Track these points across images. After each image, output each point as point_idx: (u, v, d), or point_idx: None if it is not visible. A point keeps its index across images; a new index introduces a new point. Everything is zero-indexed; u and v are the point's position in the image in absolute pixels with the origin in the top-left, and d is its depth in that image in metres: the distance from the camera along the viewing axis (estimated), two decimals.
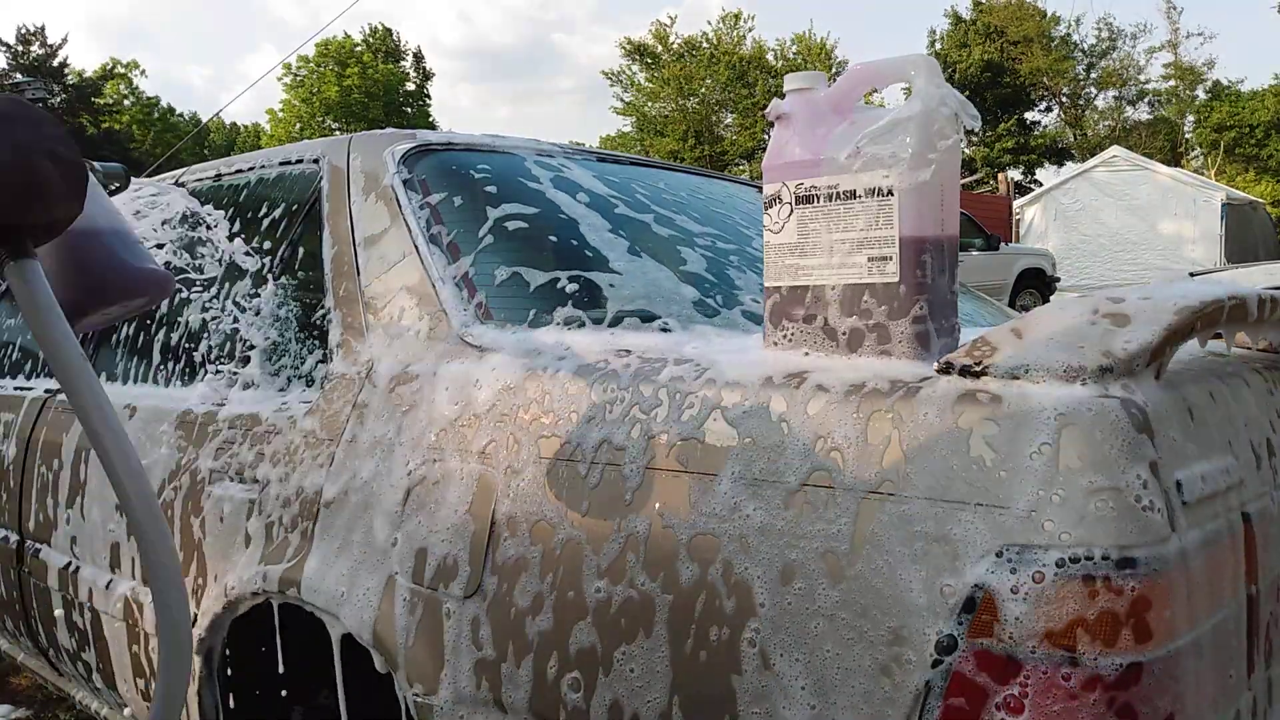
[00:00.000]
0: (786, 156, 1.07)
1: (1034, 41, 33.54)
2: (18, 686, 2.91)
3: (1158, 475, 0.80)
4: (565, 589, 1.06)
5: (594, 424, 1.09)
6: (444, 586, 1.17)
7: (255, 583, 1.44)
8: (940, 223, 1.00)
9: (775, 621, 0.90)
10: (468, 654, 1.14)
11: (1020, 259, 14.10)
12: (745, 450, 0.96)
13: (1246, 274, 9.86)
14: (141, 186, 2.10)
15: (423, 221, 1.50)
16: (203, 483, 1.61)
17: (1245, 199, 22.01)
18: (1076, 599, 0.76)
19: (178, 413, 1.75)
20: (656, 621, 0.98)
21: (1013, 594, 0.78)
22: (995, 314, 2.10)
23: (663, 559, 0.98)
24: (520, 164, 1.74)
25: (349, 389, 1.42)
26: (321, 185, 1.72)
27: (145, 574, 1.12)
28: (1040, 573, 0.78)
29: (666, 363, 1.10)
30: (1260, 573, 0.94)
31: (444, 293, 1.39)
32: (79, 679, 2.10)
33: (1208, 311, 0.89)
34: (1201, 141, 33.48)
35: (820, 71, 1.10)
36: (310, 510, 1.38)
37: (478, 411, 1.21)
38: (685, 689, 0.96)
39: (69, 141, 0.74)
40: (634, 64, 36.79)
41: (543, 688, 1.07)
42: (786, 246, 1.07)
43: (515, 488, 1.13)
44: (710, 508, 0.96)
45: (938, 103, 0.98)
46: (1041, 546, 0.78)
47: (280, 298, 1.71)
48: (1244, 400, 1.01)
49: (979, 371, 0.87)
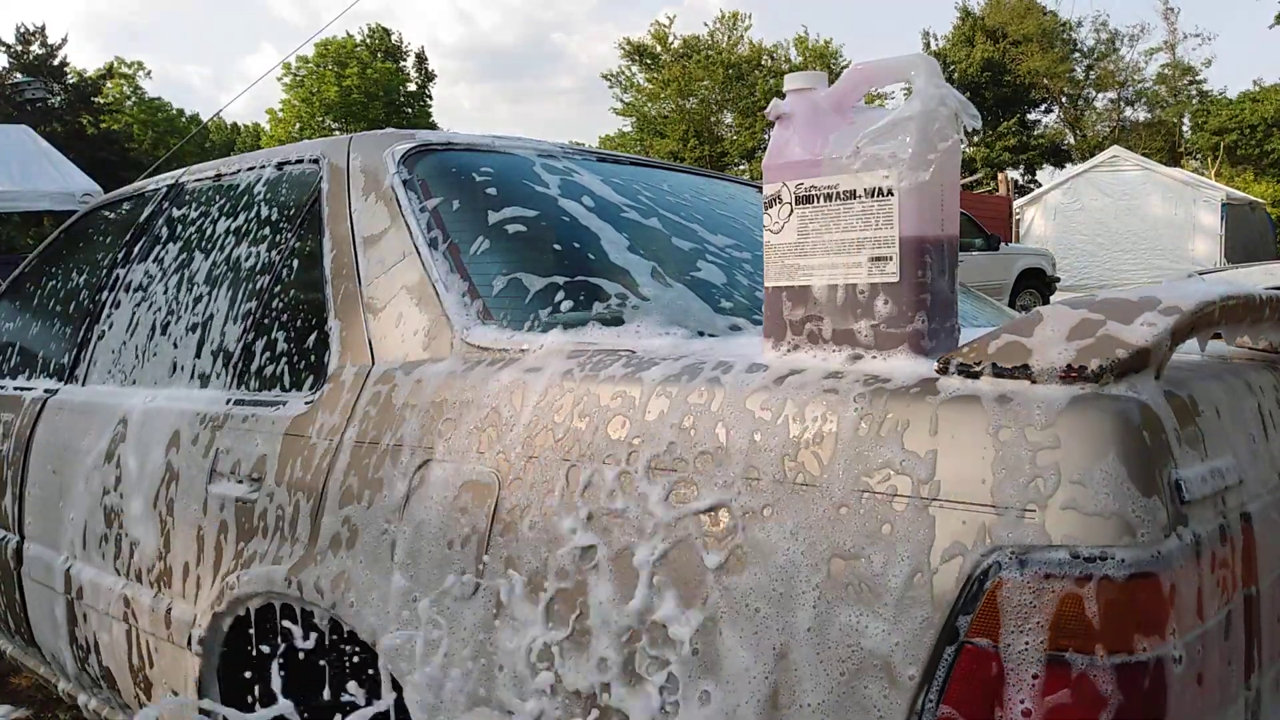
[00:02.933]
0: (787, 156, 1.07)
1: (1033, 41, 33.53)
2: (18, 686, 2.92)
3: (1158, 475, 0.80)
4: (566, 588, 1.06)
5: (595, 424, 1.09)
6: (445, 586, 1.17)
7: (255, 583, 1.44)
8: (940, 223, 1.00)
9: (784, 620, 0.90)
10: (470, 654, 1.14)
11: (1020, 259, 14.10)
12: (746, 450, 0.96)
13: (1246, 274, 9.87)
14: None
15: (423, 222, 1.50)
16: (203, 483, 1.61)
17: (1245, 199, 22.01)
18: (1076, 599, 0.76)
19: (178, 412, 1.74)
20: (658, 622, 0.98)
21: (1013, 593, 0.78)
22: (995, 314, 2.10)
23: (663, 558, 0.98)
24: (521, 164, 1.74)
25: (349, 389, 1.42)
26: (321, 185, 1.72)
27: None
28: (1040, 572, 0.78)
29: (666, 362, 1.10)
30: (1260, 573, 0.94)
31: (444, 293, 1.39)
32: (81, 678, 2.10)
33: (1208, 312, 0.89)
34: (1200, 145, 33.48)
35: (820, 71, 1.10)
36: (310, 510, 1.38)
37: (478, 412, 1.21)
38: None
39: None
40: (633, 65, 36.80)
41: (545, 688, 1.07)
42: (787, 246, 1.07)
43: (516, 488, 1.13)
44: (708, 508, 0.96)
45: (938, 103, 0.98)
46: (1041, 546, 0.78)
47: (280, 298, 1.71)
48: (1244, 400, 1.01)
49: (979, 371, 0.87)
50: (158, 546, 1.70)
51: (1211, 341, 0.98)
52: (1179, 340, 0.88)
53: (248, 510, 1.50)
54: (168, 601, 1.67)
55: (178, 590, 1.65)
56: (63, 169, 12.85)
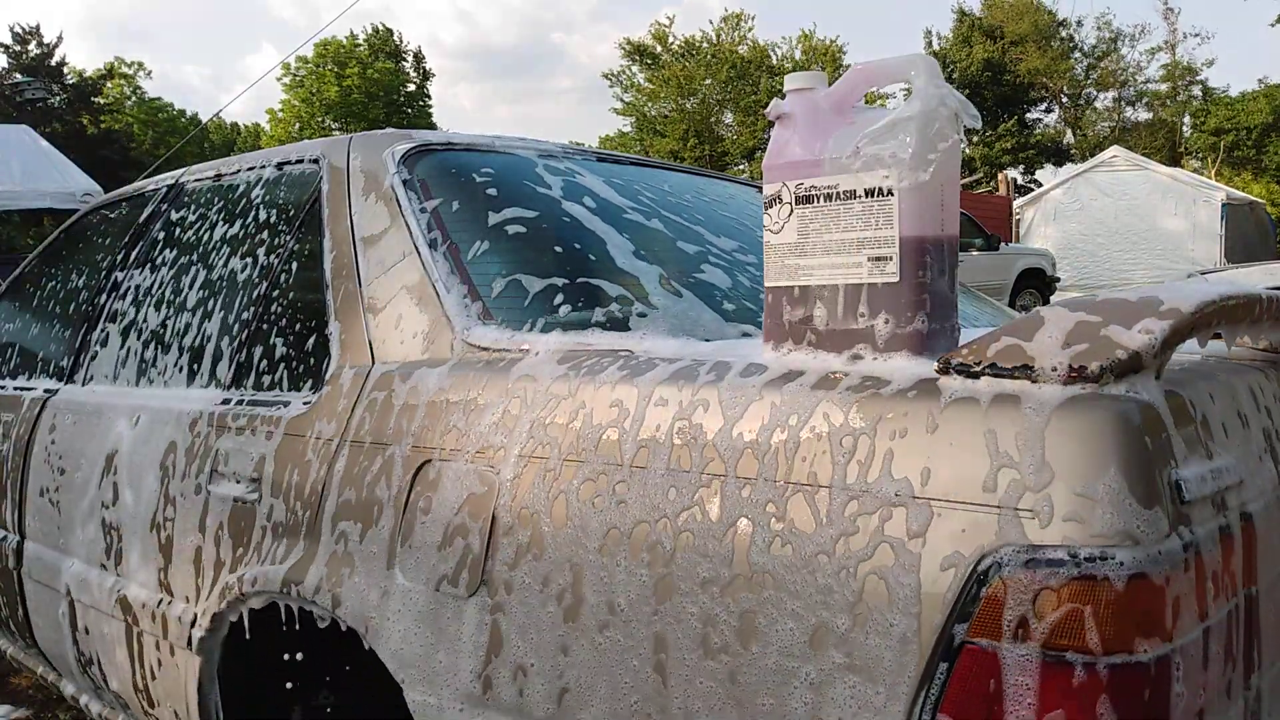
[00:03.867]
0: (787, 156, 1.07)
1: (1033, 40, 33.50)
2: (18, 686, 2.92)
3: (1158, 475, 0.80)
4: (566, 587, 1.06)
5: (595, 424, 1.09)
6: (446, 586, 1.17)
7: (256, 583, 1.44)
8: (940, 223, 1.00)
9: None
10: (471, 654, 1.14)
11: (1020, 259, 14.11)
12: (746, 450, 0.96)
13: (1246, 274, 9.87)
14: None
15: (423, 222, 1.50)
16: (204, 483, 1.61)
17: (1245, 199, 22.02)
18: (1076, 598, 0.76)
19: (178, 413, 1.74)
20: (660, 622, 0.98)
21: (1012, 594, 0.78)
22: (995, 314, 2.10)
23: (662, 558, 0.99)
24: (521, 164, 1.74)
25: (349, 389, 1.42)
26: (321, 186, 1.72)
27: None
28: (1039, 573, 0.78)
29: (664, 363, 1.10)
30: (1260, 573, 0.94)
31: (444, 293, 1.39)
32: (81, 678, 2.10)
33: (1208, 312, 0.89)
34: (1200, 146, 33.47)
35: (821, 71, 1.10)
36: (312, 510, 1.38)
37: (479, 412, 1.21)
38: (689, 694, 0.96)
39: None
40: (634, 64, 36.79)
41: (547, 688, 1.07)
42: (787, 246, 1.07)
43: (517, 487, 1.13)
44: (709, 508, 0.96)
45: (938, 103, 0.98)
46: (1041, 547, 0.78)
47: (279, 298, 1.71)
48: (1244, 401, 1.01)
49: (979, 372, 0.87)
50: (158, 546, 1.70)
51: (1211, 341, 0.98)
52: (1179, 341, 0.88)
53: (248, 510, 1.50)
54: (168, 601, 1.67)
55: (178, 590, 1.65)
56: (63, 169, 12.85)
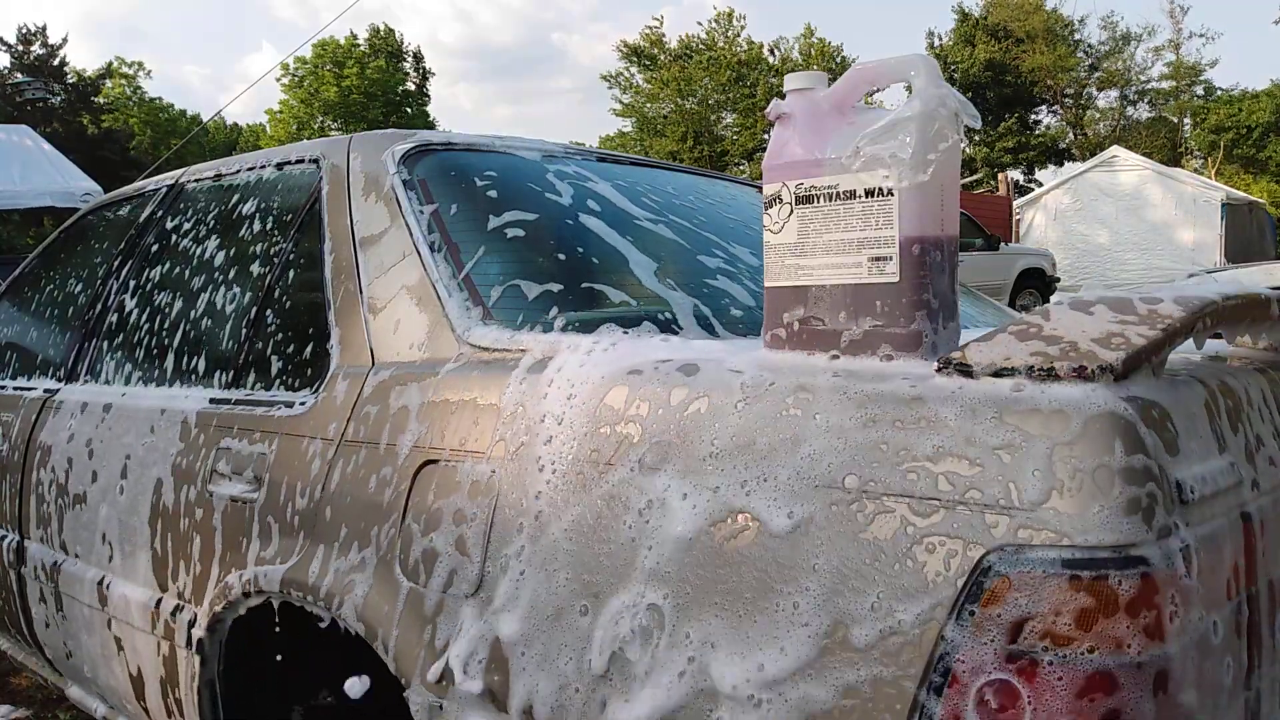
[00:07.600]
0: (787, 156, 1.07)
1: (1038, 39, 33.44)
2: (18, 686, 2.92)
3: (1158, 474, 0.80)
4: (566, 588, 1.06)
5: (595, 424, 1.09)
6: (446, 585, 1.17)
7: (256, 583, 1.44)
8: (940, 223, 1.00)
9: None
10: (471, 653, 1.14)
11: (1020, 259, 14.10)
12: (745, 450, 0.96)
13: (1246, 274, 9.88)
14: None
15: (423, 222, 1.50)
16: (203, 483, 1.61)
17: (1245, 199, 22.01)
18: (1076, 597, 0.76)
19: (179, 413, 1.75)
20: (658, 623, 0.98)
21: (1012, 592, 0.78)
22: (995, 314, 2.10)
23: (667, 558, 0.99)
24: (520, 164, 1.74)
25: (349, 389, 1.42)
26: (321, 186, 1.72)
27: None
28: (1040, 571, 0.78)
29: (663, 363, 1.09)
30: (1260, 573, 0.94)
31: (444, 294, 1.39)
32: (81, 677, 2.10)
33: (1208, 311, 0.89)
34: (1200, 144, 33.46)
35: (821, 72, 1.10)
36: (311, 510, 1.38)
37: (479, 412, 1.21)
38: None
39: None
40: (632, 66, 36.76)
41: (548, 688, 1.07)
42: (786, 246, 1.07)
43: (517, 487, 1.13)
44: (708, 508, 0.96)
45: (938, 103, 0.98)
46: (1041, 545, 0.78)
47: (280, 298, 1.71)
48: (1244, 400, 1.01)
49: (978, 372, 0.87)
50: (158, 546, 1.70)
51: (1211, 341, 0.98)
52: (1178, 340, 0.88)
53: (248, 510, 1.50)
54: (169, 601, 1.67)
55: (178, 589, 1.65)
56: (63, 169, 12.85)
